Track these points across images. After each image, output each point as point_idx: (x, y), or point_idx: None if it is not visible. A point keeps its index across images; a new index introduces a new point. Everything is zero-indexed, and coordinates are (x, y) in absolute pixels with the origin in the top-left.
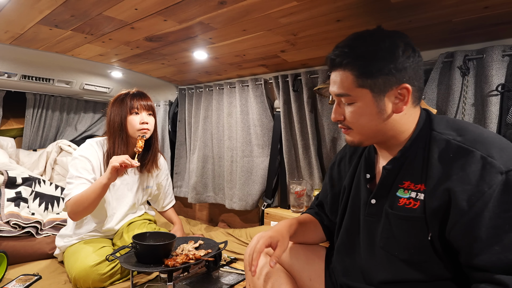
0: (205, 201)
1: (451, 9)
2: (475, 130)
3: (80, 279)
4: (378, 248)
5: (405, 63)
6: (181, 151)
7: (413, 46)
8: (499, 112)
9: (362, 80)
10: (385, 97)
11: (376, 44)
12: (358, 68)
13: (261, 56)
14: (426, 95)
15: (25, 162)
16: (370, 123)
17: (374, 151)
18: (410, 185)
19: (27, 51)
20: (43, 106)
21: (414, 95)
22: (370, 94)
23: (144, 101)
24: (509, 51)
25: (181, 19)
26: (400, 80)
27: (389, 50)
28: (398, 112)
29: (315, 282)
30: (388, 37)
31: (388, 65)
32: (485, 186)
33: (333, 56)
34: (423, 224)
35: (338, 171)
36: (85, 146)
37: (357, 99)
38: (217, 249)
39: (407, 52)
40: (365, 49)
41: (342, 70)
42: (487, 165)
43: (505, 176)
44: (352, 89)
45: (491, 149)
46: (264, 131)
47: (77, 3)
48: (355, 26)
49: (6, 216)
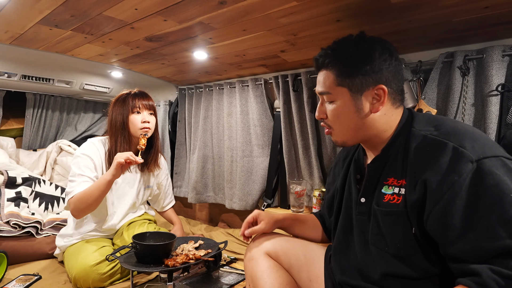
0: (205, 201)
1: (451, 9)
2: (450, 124)
3: (80, 278)
4: (370, 245)
5: (381, 65)
6: (181, 151)
7: (391, 50)
8: (499, 112)
9: (341, 79)
10: (362, 97)
11: (355, 47)
12: (337, 68)
13: (261, 56)
14: (426, 95)
15: (25, 162)
16: (348, 121)
17: (363, 153)
18: (393, 181)
19: (27, 51)
20: (43, 106)
21: (392, 97)
22: (348, 93)
23: (146, 100)
24: (509, 51)
25: (181, 19)
26: (377, 81)
27: (366, 52)
28: (375, 112)
29: (315, 283)
30: (367, 41)
31: (364, 66)
32: (455, 175)
33: (318, 56)
34: (406, 218)
35: (333, 174)
36: (87, 144)
37: (337, 98)
38: (217, 249)
39: (383, 55)
40: (344, 51)
41: (325, 70)
42: (458, 154)
43: (476, 164)
44: (332, 87)
45: (463, 140)
46: (264, 131)
47: (77, 3)
48: (355, 26)
49: (6, 216)
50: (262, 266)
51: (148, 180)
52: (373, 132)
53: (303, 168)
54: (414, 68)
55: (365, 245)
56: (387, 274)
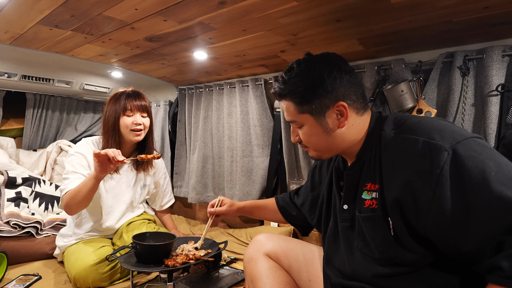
0: (205, 201)
1: (451, 9)
2: (415, 120)
3: (80, 278)
4: (357, 251)
5: (333, 84)
6: (181, 151)
7: (339, 65)
8: (499, 112)
9: (301, 107)
10: (325, 118)
11: (303, 74)
12: (294, 98)
13: (261, 56)
14: (426, 95)
15: (25, 162)
16: (319, 140)
17: (342, 160)
18: (371, 186)
19: (27, 51)
20: (43, 106)
21: (355, 107)
22: (311, 117)
23: (138, 101)
24: (509, 51)
25: (181, 19)
26: (335, 100)
27: (316, 76)
28: (342, 127)
29: (314, 283)
30: (313, 64)
31: (317, 90)
32: (436, 168)
33: (274, 90)
34: (383, 222)
35: (319, 175)
36: (81, 143)
37: (303, 123)
38: (217, 249)
39: (332, 74)
40: (295, 81)
41: (285, 101)
42: (431, 147)
43: (451, 151)
44: (296, 115)
45: (431, 133)
46: (264, 131)
47: (77, 3)
48: (355, 26)
49: (6, 216)
50: (262, 267)
51: (145, 179)
52: (345, 144)
53: (303, 168)
54: (414, 68)
55: (350, 250)
56: (377, 276)
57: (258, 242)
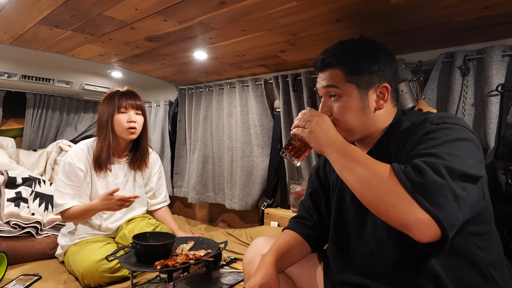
0: (205, 201)
1: (451, 9)
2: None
3: (88, 274)
4: (369, 236)
5: (386, 65)
6: (181, 151)
7: (391, 53)
8: (499, 112)
9: (350, 76)
10: (368, 94)
11: (362, 47)
12: (347, 65)
13: (261, 56)
14: (426, 95)
15: (25, 162)
16: (355, 117)
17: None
18: None
19: (27, 51)
20: (43, 106)
21: (392, 95)
22: (357, 89)
23: (133, 100)
24: (509, 51)
25: (181, 19)
26: (382, 80)
27: (374, 53)
28: (379, 109)
29: (314, 283)
30: (371, 42)
31: (373, 65)
32: (419, 132)
33: (325, 56)
34: None
35: (324, 173)
36: (74, 153)
37: (344, 93)
38: (217, 249)
39: (387, 56)
40: (353, 51)
41: (331, 69)
42: (425, 120)
43: (434, 126)
44: (342, 83)
45: (435, 115)
46: (264, 131)
47: (77, 3)
48: (355, 26)
49: (6, 216)
50: None
51: (140, 179)
52: (372, 130)
53: (303, 168)
54: (414, 68)
55: (364, 237)
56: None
57: (257, 245)
